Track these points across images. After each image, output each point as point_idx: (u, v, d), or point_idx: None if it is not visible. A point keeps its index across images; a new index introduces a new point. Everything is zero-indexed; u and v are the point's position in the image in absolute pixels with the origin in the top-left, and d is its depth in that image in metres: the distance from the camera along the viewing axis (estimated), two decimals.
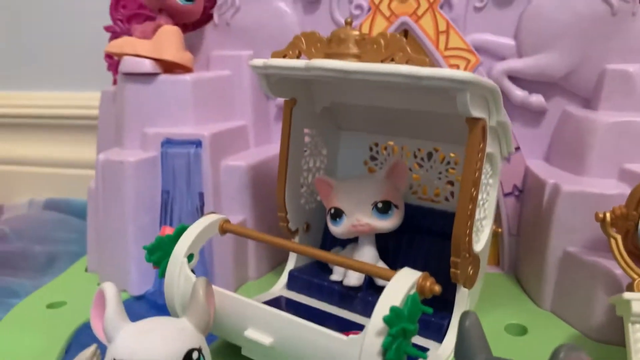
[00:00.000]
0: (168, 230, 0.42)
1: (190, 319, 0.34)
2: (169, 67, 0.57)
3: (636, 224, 0.42)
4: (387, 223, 0.46)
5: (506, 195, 0.56)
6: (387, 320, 0.29)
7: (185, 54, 0.58)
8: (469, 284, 0.43)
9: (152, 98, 0.56)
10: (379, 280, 0.46)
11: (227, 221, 0.44)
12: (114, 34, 0.65)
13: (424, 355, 0.31)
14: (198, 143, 0.54)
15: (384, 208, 0.46)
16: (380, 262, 0.48)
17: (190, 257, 0.41)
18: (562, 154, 0.53)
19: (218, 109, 0.59)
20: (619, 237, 0.42)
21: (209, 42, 0.64)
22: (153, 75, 0.56)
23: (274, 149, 0.58)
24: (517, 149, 0.55)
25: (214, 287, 0.38)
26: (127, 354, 0.32)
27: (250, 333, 0.36)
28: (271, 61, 0.40)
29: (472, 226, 0.41)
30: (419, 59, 0.35)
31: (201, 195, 0.55)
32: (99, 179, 0.56)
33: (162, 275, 0.41)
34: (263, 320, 0.36)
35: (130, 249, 0.54)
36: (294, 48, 0.40)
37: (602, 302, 0.44)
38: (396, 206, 0.46)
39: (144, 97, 0.56)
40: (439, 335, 0.43)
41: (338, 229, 0.47)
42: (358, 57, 0.37)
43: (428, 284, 0.33)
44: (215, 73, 0.60)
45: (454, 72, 0.34)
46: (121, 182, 0.54)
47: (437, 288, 0.33)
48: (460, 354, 0.31)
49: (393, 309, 0.30)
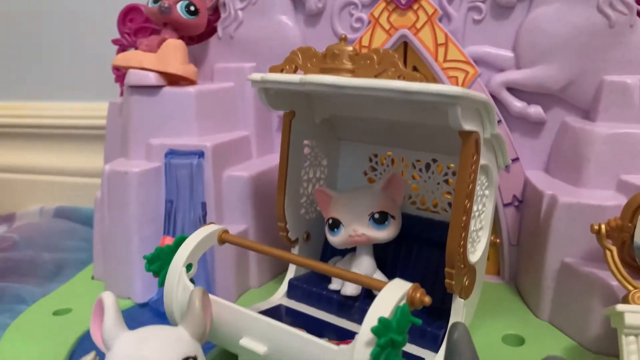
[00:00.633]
0: (168, 240, 0.43)
1: (187, 327, 0.35)
2: (174, 79, 0.58)
3: (631, 236, 0.42)
4: (384, 234, 0.47)
5: (506, 205, 0.57)
6: (375, 331, 0.30)
7: (189, 66, 0.59)
8: (465, 294, 0.43)
9: (156, 110, 0.57)
10: (375, 290, 0.46)
11: (226, 231, 0.45)
12: (122, 46, 0.67)
13: None
14: (201, 154, 0.55)
15: (380, 219, 0.46)
16: (378, 271, 0.49)
17: (189, 267, 0.42)
18: (561, 165, 0.53)
19: (221, 120, 0.60)
20: (614, 249, 0.42)
21: (212, 54, 0.65)
22: (158, 87, 0.57)
23: (276, 158, 0.59)
24: (516, 159, 0.56)
25: (211, 296, 0.39)
26: None
27: (245, 342, 0.37)
28: (268, 76, 0.41)
29: (467, 237, 0.42)
30: (411, 74, 0.36)
31: (204, 205, 0.56)
32: (104, 188, 0.57)
33: (161, 284, 0.42)
34: (258, 330, 0.36)
35: (134, 257, 0.55)
36: (291, 63, 0.41)
37: (599, 314, 0.44)
38: (393, 217, 0.47)
39: (148, 109, 0.57)
40: (434, 345, 0.43)
41: (336, 239, 0.48)
42: (352, 72, 0.38)
43: (418, 295, 0.33)
44: (219, 85, 0.61)
45: (443, 87, 0.34)
46: (126, 192, 0.55)
47: (427, 299, 0.33)
48: None
49: (381, 320, 0.30)
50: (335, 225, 0.48)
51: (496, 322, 0.50)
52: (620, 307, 0.38)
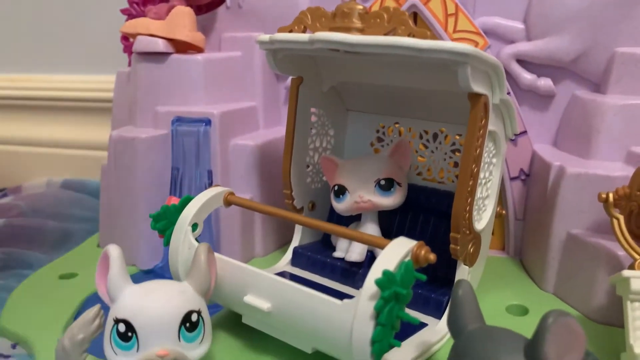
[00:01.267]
0: (174, 200, 0.43)
1: (191, 282, 0.35)
2: (182, 47, 0.58)
3: (639, 205, 0.42)
4: (389, 200, 0.47)
5: (513, 179, 0.56)
6: (379, 283, 0.30)
7: (197, 34, 0.59)
8: (469, 261, 0.43)
9: (164, 77, 0.57)
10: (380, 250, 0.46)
11: (232, 193, 0.45)
12: (130, 16, 0.66)
13: (416, 320, 0.31)
14: (207, 121, 0.55)
15: (386, 185, 0.46)
16: None
17: (194, 227, 0.42)
18: (570, 138, 0.53)
19: (228, 89, 0.60)
20: (621, 218, 0.42)
21: (220, 24, 0.65)
22: (166, 54, 0.57)
23: (283, 130, 0.59)
24: (524, 133, 0.55)
25: (216, 254, 0.39)
26: (128, 313, 0.33)
27: (249, 299, 0.37)
28: (277, 36, 0.41)
29: (473, 203, 0.41)
30: (421, 32, 0.35)
31: (210, 173, 0.56)
32: (111, 155, 0.57)
33: (167, 243, 0.42)
34: (261, 287, 0.36)
35: (140, 224, 0.55)
36: (300, 23, 0.41)
37: (604, 284, 0.44)
38: (399, 184, 0.47)
39: (156, 76, 0.57)
40: (438, 311, 0.43)
41: (341, 206, 0.48)
42: (361, 31, 0.38)
43: (423, 252, 0.33)
44: (227, 54, 0.61)
45: (454, 44, 0.34)
46: (132, 159, 0.55)
47: (432, 257, 0.33)
48: (453, 322, 0.32)
49: (385, 273, 0.30)
50: (340, 191, 0.47)
51: (500, 293, 0.50)
52: (626, 272, 0.38)
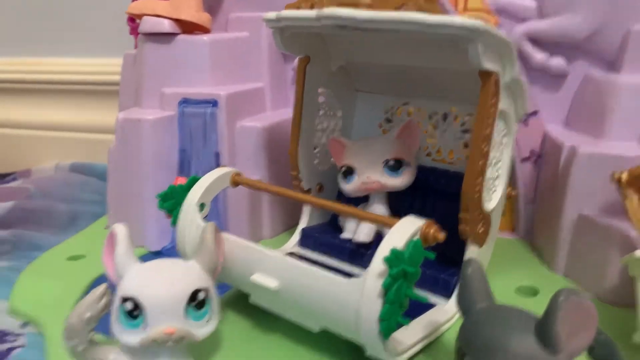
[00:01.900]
0: (181, 180, 0.42)
1: (199, 260, 0.35)
2: (188, 28, 0.57)
3: None
4: (398, 181, 0.46)
5: (523, 160, 0.55)
6: (387, 260, 0.30)
7: (204, 14, 0.58)
8: (479, 241, 0.43)
9: (170, 58, 0.57)
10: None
11: (239, 174, 0.44)
12: None
13: (424, 299, 0.31)
14: (214, 103, 0.54)
15: (395, 166, 0.46)
16: None
17: (202, 207, 0.42)
18: (582, 118, 0.52)
19: (235, 70, 0.59)
20: (635, 198, 0.41)
21: (227, 4, 0.64)
22: (172, 35, 0.56)
23: (290, 112, 0.58)
24: (536, 113, 0.54)
25: (224, 233, 0.39)
26: (134, 290, 0.33)
27: (257, 277, 0.36)
28: (283, 13, 0.40)
29: (483, 183, 0.41)
30: (430, 7, 0.35)
31: (217, 155, 0.56)
32: (118, 137, 0.57)
33: (174, 223, 0.42)
34: (269, 265, 0.36)
35: (148, 205, 0.55)
36: (307, 0, 0.40)
37: (616, 265, 0.43)
38: (408, 164, 0.46)
39: (162, 57, 0.57)
40: (446, 291, 0.43)
41: (349, 187, 0.47)
42: (370, 7, 0.37)
43: (432, 231, 0.33)
44: (233, 34, 0.60)
45: (465, 20, 0.33)
46: (139, 141, 0.55)
47: (441, 235, 0.33)
48: (462, 301, 0.31)
49: (393, 251, 0.30)
50: (348, 172, 0.47)
51: (510, 274, 0.49)
52: (639, 253, 0.37)
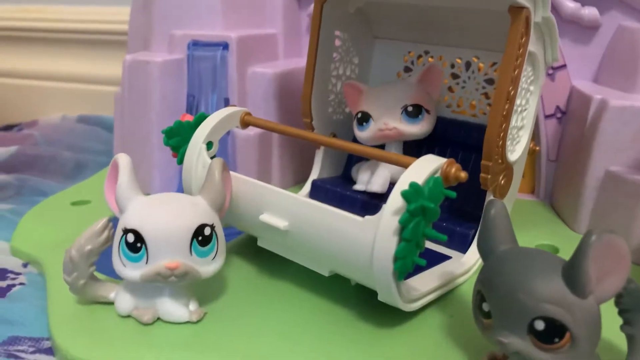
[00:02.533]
0: (188, 117, 0.40)
1: (205, 196, 0.33)
2: None
3: None
4: (416, 128, 0.44)
5: (547, 117, 0.53)
6: (405, 194, 0.27)
7: None
8: (499, 193, 0.41)
9: None
10: None
11: (249, 114, 0.42)
12: None
13: (443, 237, 0.29)
14: (225, 45, 0.52)
15: (414, 112, 0.43)
16: None
17: (209, 146, 0.40)
18: (614, 72, 0.49)
19: (247, 14, 0.57)
20: None
21: None
22: None
23: (303, 62, 0.56)
24: (563, 66, 0.51)
25: (232, 172, 0.37)
26: (137, 222, 0.31)
27: (266, 217, 0.34)
28: None
29: (507, 130, 0.38)
30: None
31: (227, 102, 0.54)
32: (125, 81, 0.55)
33: (180, 161, 0.40)
34: (279, 205, 0.34)
35: (154, 153, 0.54)
36: None
37: None
38: (427, 111, 0.44)
39: None
40: (463, 245, 0.41)
41: (364, 134, 0.45)
42: None
43: (453, 169, 0.30)
44: None
45: None
46: (147, 83, 0.53)
47: (463, 174, 0.30)
48: (483, 243, 0.29)
49: (412, 184, 0.28)
50: (364, 118, 0.45)
51: (529, 233, 0.47)
52: None
